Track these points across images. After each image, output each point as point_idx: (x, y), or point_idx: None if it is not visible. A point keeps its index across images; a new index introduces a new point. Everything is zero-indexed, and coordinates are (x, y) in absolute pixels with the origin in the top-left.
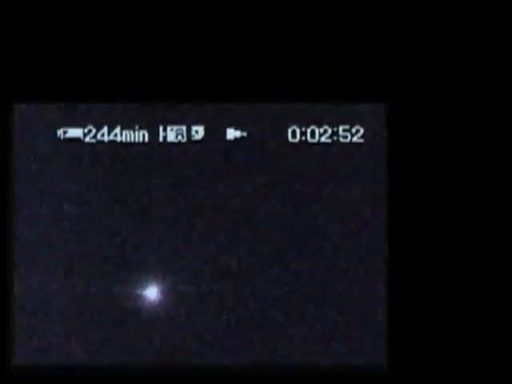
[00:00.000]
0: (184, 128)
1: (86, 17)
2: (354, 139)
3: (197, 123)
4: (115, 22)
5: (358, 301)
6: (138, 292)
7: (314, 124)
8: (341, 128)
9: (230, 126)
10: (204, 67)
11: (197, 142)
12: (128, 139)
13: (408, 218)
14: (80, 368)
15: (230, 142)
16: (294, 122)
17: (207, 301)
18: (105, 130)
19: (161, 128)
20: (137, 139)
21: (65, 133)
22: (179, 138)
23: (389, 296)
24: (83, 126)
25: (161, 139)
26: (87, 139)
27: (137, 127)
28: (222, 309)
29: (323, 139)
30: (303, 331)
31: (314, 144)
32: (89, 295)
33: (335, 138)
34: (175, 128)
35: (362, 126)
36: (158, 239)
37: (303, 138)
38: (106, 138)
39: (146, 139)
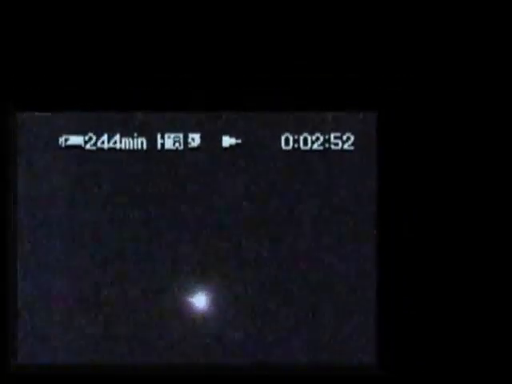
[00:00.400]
0: (181, 136)
1: (86, 29)
2: (345, 146)
3: (193, 131)
4: (115, 35)
5: (347, 301)
6: (140, 292)
7: (306, 132)
8: (332, 135)
9: (226, 133)
10: (200, 77)
11: (193, 149)
12: (127, 146)
13: (396, 220)
14: (83, 367)
15: (225, 149)
16: (287, 130)
17: (199, 302)
18: (105, 137)
19: (159, 136)
20: (135, 146)
21: (66, 140)
22: (176, 145)
23: (378, 296)
24: (84, 133)
25: (159, 146)
26: (88, 146)
27: (135, 135)
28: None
29: (315, 146)
30: (294, 331)
31: (306, 151)
32: (91, 295)
33: (327, 145)
34: (172, 136)
35: (352, 133)
36: (155, 242)
37: (296, 146)
38: (105, 146)
39: (145, 146)
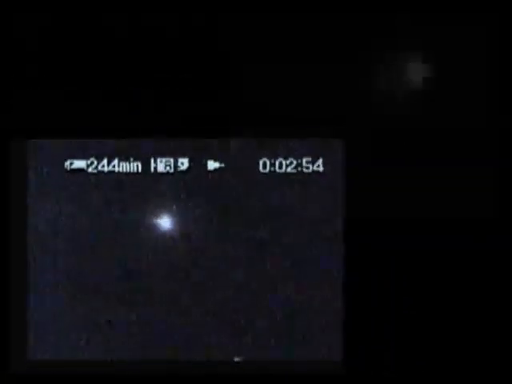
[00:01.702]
0: (171, 160)
1: (88, 67)
2: (316, 169)
3: (182, 156)
4: (114, 72)
5: (315, 298)
6: (143, 291)
7: (281, 156)
8: (304, 160)
9: (211, 158)
10: (188, 109)
11: (182, 172)
12: (124, 169)
13: (361, 233)
14: (92, 364)
15: (210, 172)
16: (264, 155)
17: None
18: (105, 161)
19: (152, 160)
20: (131, 169)
21: (71, 164)
22: (167, 168)
23: (346, 293)
24: (86, 158)
25: (152, 170)
26: (90, 170)
27: (132, 159)
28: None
29: (289, 169)
30: (259, 327)
31: (281, 174)
32: (97, 301)
33: (300, 169)
34: (164, 160)
35: (322, 158)
36: (152, 256)
37: (272, 169)
38: (105, 169)
39: (140, 170)
